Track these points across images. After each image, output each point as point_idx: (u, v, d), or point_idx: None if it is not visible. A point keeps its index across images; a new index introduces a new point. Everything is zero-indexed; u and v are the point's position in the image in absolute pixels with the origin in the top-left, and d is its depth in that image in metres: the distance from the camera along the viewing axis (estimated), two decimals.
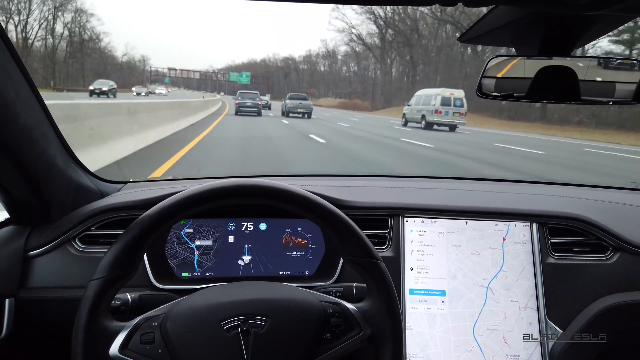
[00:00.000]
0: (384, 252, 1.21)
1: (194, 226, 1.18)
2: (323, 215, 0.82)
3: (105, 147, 6.52)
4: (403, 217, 1.23)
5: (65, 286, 1.08)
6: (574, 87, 0.90)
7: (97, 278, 0.74)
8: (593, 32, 0.85)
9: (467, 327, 1.17)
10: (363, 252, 0.82)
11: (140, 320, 0.77)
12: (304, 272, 1.21)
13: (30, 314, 1.05)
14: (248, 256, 1.19)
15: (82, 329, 0.72)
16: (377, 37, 68.12)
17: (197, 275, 1.17)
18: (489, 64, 0.95)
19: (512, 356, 1.16)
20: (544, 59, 0.90)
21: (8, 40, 0.83)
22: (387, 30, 65.29)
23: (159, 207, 0.78)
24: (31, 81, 0.92)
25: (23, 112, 0.89)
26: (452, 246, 1.22)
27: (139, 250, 0.77)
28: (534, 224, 1.24)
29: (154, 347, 0.74)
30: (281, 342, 0.76)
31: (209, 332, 0.75)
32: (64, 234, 1.11)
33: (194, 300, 0.80)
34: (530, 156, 12.31)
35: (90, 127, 6.25)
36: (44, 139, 0.99)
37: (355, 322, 0.81)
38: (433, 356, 1.15)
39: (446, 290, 1.19)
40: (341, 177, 1.78)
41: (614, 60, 0.96)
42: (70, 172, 1.12)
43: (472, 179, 1.73)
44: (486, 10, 0.80)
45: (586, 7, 0.59)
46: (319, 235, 1.22)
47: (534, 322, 1.19)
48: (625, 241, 1.24)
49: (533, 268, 1.21)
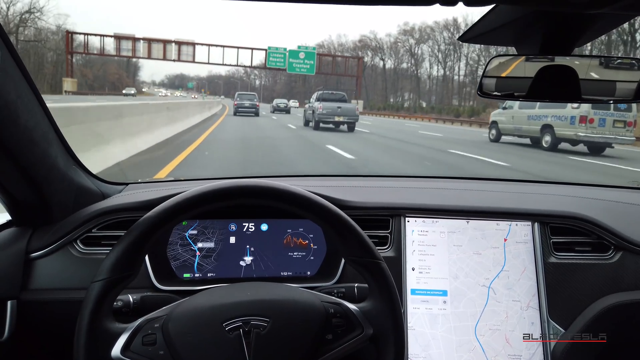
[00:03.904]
0: (386, 252, 1.21)
1: (199, 228, 1.18)
2: (324, 216, 0.82)
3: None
4: (404, 217, 1.23)
5: (67, 288, 1.08)
6: (575, 86, 0.90)
7: (98, 280, 0.74)
8: (594, 31, 0.85)
9: (469, 327, 1.17)
10: (364, 252, 0.82)
11: (142, 321, 0.77)
12: (305, 273, 1.21)
13: (32, 315, 1.05)
14: (250, 257, 1.19)
15: (84, 331, 0.72)
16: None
17: (198, 276, 1.17)
18: (489, 63, 0.95)
19: (514, 356, 1.16)
20: (544, 58, 0.90)
21: (9, 41, 0.83)
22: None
23: (161, 209, 0.78)
24: (32, 83, 0.92)
25: (24, 114, 0.89)
26: (454, 246, 1.21)
27: (141, 251, 0.77)
28: (535, 224, 1.24)
29: (156, 349, 0.74)
30: (283, 342, 0.76)
31: (211, 333, 0.75)
32: (66, 236, 1.11)
33: (195, 302, 0.80)
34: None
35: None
36: (45, 141, 0.99)
37: (357, 323, 0.81)
38: (435, 356, 1.15)
39: (448, 290, 1.19)
40: (342, 177, 1.78)
41: (615, 59, 0.96)
42: (71, 173, 1.12)
43: (473, 179, 1.72)
44: (487, 10, 0.80)
45: (587, 6, 0.59)
46: (321, 235, 1.22)
47: (536, 321, 1.18)
48: (627, 240, 1.24)
49: (535, 268, 1.21)
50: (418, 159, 10.88)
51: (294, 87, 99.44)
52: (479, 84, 0.97)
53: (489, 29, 0.88)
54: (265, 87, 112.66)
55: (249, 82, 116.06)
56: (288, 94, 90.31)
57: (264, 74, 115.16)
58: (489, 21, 0.85)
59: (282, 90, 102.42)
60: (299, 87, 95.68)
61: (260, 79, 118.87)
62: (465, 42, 0.99)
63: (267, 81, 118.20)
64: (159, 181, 1.56)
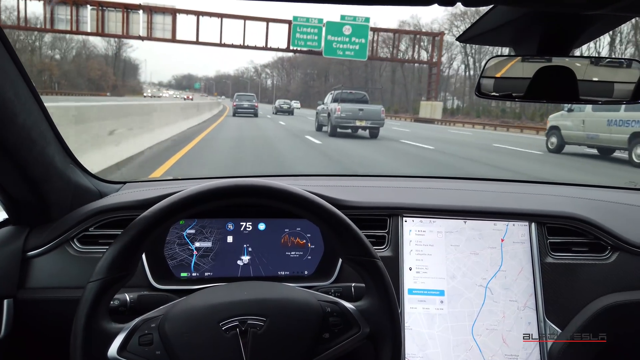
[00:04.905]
0: (383, 252, 1.21)
1: (197, 227, 1.18)
2: (321, 215, 0.82)
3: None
4: (402, 217, 1.23)
5: (64, 286, 1.08)
6: (573, 87, 0.91)
7: (95, 280, 0.74)
8: (592, 31, 0.85)
9: (466, 326, 1.17)
10: (361, 251, 0.82)
11: (139, 321, 0.77)
12: (302, 272, 1.21)
13: (29, 314, 1.05)
14: (247, 256, 1.19)
15: (81, 331, 0.72)
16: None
17: (195, 276, 1.17)
18: (487, 63, 0.96)
19: (511, 356, 1.16)
20: (542, 59, 0.90)
21: (7, 40, 0.82)
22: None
23: (157, 208, 0.77)
24: (30, 81, 0.92)
25: (22, 112, 0.89)
26: (451, 246, 1.22)
27: (138, 251, 0.77)
28: (532, 224, 1.25)
29: (153, 349, 0.74)
30: (280, 342, 0.76)
31: (208, 333, 0.75)
32: (63, 234, 1.10)
33: (192, 301, 0.80)
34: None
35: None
36: (43, 139, 0.99)
37: (353, 321, 0.81)
38: (432, 356, 1.15)
39: (445, 290, 1.19)
40: (340, 177, 1.78)
41: (613, 60, 0.96)
42: (68, 172, 1.12)
43: (471, 179, 1.73)
44: (485, 10, 0.80)
45: (585, 7, 0.59)
46: (318, 235, 1.22)
47: (533, 321, 1.19)
48: (624, 241, 1.24)
49: (532, 268, 1.21)
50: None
51: (312, 86, 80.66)
52: (476, 84, 0.97)
53: (487, 29, 0.88)
54: (278, 87, 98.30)
55: (260, 81, 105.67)
56: (303, 95, 77.89)
57: (276, 73, 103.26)
58: (487, 21, 0.85)
59: (297, 91, 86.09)
60: (317, 86, 75.55)
61: (272, 78, 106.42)
62: (464, 42, 0.99)
63: (279, 80, 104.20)
64: (156, 180, 1.56)
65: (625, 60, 0.96)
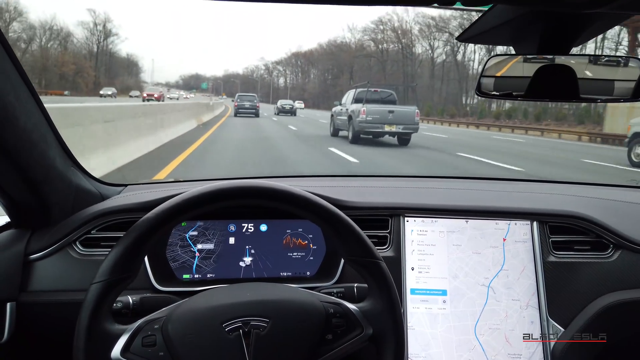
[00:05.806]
0: (385, 252, 1.21)
1: (199, 229, 1.18)
2: (323, 216, 0.82)
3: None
4: (404, 217, 1.23)
5: (66, 289, 1.08)
6: (573, 86, 0.91)
7: (98, 282, 0.74)
8: (592, 30, 0.85)
9: (469, 326, 1.17)
10: (364, 252, 0.82)
11: (142, 323, 0.77)
12: (305, 273, 1.21)
13: (31, 317, 1.05)
14: (249, 257, 1.19)
15: (84, 332, 0.72)
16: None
17: (198, 277, 1.17)
18: (488, 63, 0.96)
19: (514, 355, 1.16)
20: (542, 58, 0.90)
21: (7, 43, 0.83)
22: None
23: (159, 210, 0.78)
24: (30, 84, 0.92)
25: (22, 115, 0.89)
26: (453, 245, 1.22)
27: (140, 253, 0.77)
28: (534, 223, 1.24)
29: (156, 350, 0.74)
30: (283, 343, 0.76)
31: (211, 334, 0.75)
32: (65, 237, 1.10)
33: (195, 303, 0.80)
34: None
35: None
36: (44, 142, 0.99)
37: (356, 322, 0.81)
38: (435, 356, 1.15)
39: (447, 289, 1.19)
40: (341, 177, 1.78)
41: (613, 58, 0.96)
42: (70, 175, 1.12)
43: (472, 178, 1.73)
44: (485, 10, 0.80)
45: (584, 6, 0.59)
46: (320, 235, 1.22)
47: (536, 320, 1.19)
48: (626, 239, 1.24)
49: (534, 267, 1.21)
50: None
51: (333, 84, 69.74)
52: (477, 83, 0.97)
53: (487, 29, 0.88)
54: (293, 87, 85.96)
55: (271, 80, 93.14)
56: (322, 95, 67.90)
57: (289, 70, 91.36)
58: (487, 21, 0.85)
59: (315, 90, 75.73)
60: (341, 84, 64.74)
61: (285, 76, 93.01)
62: (463, 41, 0.99)
63: (293, 79, 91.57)
64: (158, 182, 1.56)
65: (624, 58, 0.96)
